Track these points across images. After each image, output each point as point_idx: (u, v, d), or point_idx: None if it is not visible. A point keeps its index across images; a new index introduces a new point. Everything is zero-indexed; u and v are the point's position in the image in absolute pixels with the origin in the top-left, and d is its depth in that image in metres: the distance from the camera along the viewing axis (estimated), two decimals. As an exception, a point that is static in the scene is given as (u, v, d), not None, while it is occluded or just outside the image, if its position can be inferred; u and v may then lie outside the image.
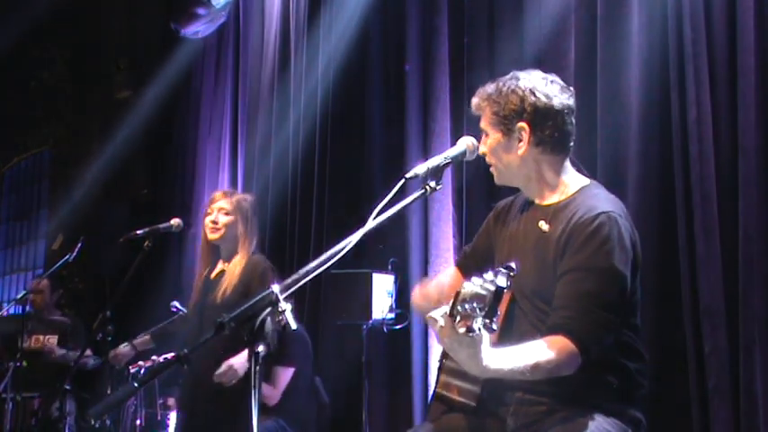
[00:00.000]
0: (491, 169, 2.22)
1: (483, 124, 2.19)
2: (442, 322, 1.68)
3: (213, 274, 3.74)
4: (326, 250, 1.90)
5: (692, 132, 3.36)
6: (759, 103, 3.21)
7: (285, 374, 4.36)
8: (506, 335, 2.04)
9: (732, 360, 3.17)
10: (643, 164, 3.56)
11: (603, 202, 2.09)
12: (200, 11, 6.18)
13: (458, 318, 1.62)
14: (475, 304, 1.60)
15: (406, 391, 4.56)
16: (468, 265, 2.38)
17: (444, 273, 2.51)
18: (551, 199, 2.15)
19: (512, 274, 1.62)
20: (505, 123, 2.13)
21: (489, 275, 1.62)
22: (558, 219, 2.09)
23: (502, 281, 1.60)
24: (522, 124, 2.12)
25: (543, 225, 2.11)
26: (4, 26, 7.35)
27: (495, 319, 1.60)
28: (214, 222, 3.70)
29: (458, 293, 1.63)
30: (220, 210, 3.71)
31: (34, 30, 7.82)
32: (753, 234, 3.15)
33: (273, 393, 4.26)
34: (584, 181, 2.19)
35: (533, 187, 2.18)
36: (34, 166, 9.65)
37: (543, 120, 2.12)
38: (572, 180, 2.18)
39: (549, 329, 1.95)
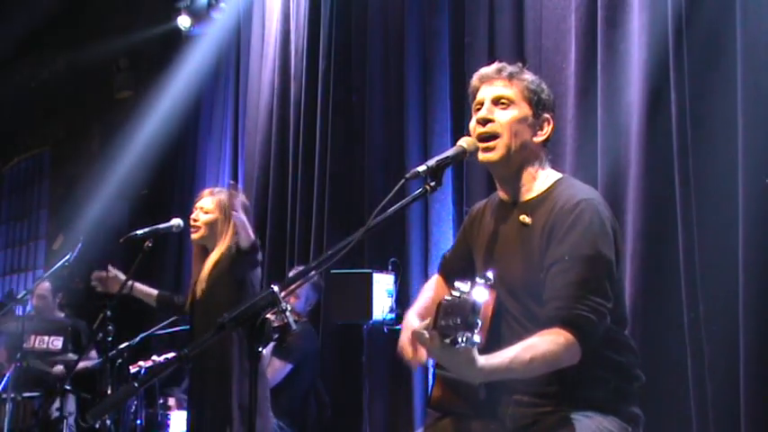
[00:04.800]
0: (490, 143, 2.12)
1: (509, 93, 2.15)
2: (428, 336, 1.69)
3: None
4: (326, 250, 1.90)
5: (692, 132, 3.36)
6: (758, 103, 3.21)
7: (280, 368, 4.37)
8: (494, 338, 2.04)
9: (732, 361, 3.17)
10: (643, 164, 3.56)
11: (582, 190, 2.12)
12: (215, 13, 6.27)
13: (442, 331, 1.63)
14: (456, 318, 1.60)
15: (406, 391, 4.56)
16: (450, 271, 2.41)
17: (427, 287, 2.47)
18: (530, 194, 2.16)
19: (489, 283, 1.62)
20: (539, 106, 2.17)
21: (465, 287, 1.62)
22: (539, 210, 2.11)
23: (478, 293, 1.59)
24: (548, 116, 2.19)
25: (525, 218, 2.12)
26: (5, 26, 7.36)
27: (476, 332, 1.60)
28: (194, 221, 3.70)
29: (439, 305, 1.64)
30: (202, 208, 3.71)
31: (34, 30, 7.82)
32: (753, 233, 3.15)
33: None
34: (559, 175, 2.21)
35: (520, 180, 2.17)
36: (34, 166, 9.66)
37: (555, 122, 2.22)
38: (550, 174, 2.21)
39: (543, 323, 1.95)
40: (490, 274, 1.63)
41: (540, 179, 2.17)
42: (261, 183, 5.82)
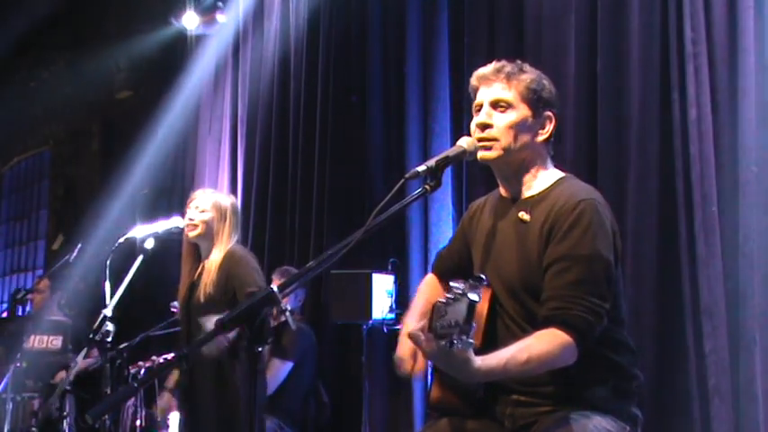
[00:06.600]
0: (488, 143, 2.09)
1: (507, 96, 2.11)
2: (423, 338, 1.69)
3: (196, 274, 3.74)
4: (326, 250, 1.89)
5: (692, 132, 3.36)
6: (759, 103, 3.21)
7: (282, 367, 4.36)
8: (490, 338, 2.04)
9: (732, 360, 3.17)
10: (643, 164, 3.56)
11: (582, 190, 2.11)
12: (220, 15, 6.28)
13: (437, 333, 1.63)
14: (451, 320, 1.60)
15: (406, 391, 4.56)
16: (446, 268, 2.39)
17: (421, 289, 2.45)
18: (531, 192, 2.15)
19: (483, 284, 1.61)
20: (539, 105, 2.13)
21: (459, 287, 1.61)
22: (538, 208, 2.10)
23: (473, 295, 1.59)
24: (550, 114, 2.15)
25: (524, 215, 2.11)
26: (4, 26, 7.36)
27: (471, 333, 1.60)
28: (191, 219, 3.70)
29: (434, 307, 1.64)
30: (197, 207, 3.71)
31: (34, 30, 7.82)
32: (753, 234, 3.15)
33: (269, 383, 4.26)
34: (561, 174, 2.20)
35: (521, 178, 2.16)
36: (34, 166, 9.67)
37: (558, 118, 2.18)
38: (552, 173, 2.19)
39: (540, 323, 1.95)
40: (483, 276, 1.63)
41: (541, 177, 2.16)
42: (260, 182, 5.82)
